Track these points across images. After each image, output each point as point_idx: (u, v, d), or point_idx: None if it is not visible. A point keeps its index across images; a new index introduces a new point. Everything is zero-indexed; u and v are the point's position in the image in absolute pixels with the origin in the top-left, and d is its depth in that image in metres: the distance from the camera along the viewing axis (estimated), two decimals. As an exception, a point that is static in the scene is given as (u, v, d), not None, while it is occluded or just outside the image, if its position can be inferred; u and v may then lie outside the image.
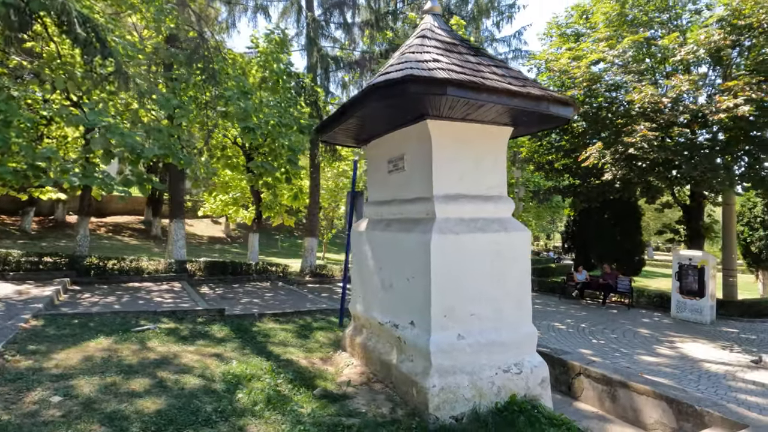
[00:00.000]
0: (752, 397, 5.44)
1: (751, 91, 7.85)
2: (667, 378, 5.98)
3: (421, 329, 3.81)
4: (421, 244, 3.76)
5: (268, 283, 11.81)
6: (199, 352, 4.72)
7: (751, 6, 8.31)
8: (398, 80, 3.30)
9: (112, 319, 5.68)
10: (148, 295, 8.13)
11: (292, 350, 5.26)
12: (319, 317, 7.31)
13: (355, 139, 5.22)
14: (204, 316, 6.41)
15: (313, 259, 14.88)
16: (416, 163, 4.18)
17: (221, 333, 5.70)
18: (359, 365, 4.75)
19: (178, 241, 11.35)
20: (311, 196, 14.85)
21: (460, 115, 3.92)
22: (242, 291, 10.01)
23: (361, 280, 5.04)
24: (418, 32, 4.41)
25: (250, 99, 10.23)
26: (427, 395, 3.49)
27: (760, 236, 15.04)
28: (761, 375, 6.35)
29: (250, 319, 6.74)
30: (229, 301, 8.58)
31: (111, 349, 4.39)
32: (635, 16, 11.04)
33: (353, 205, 6.80)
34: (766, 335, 9.31)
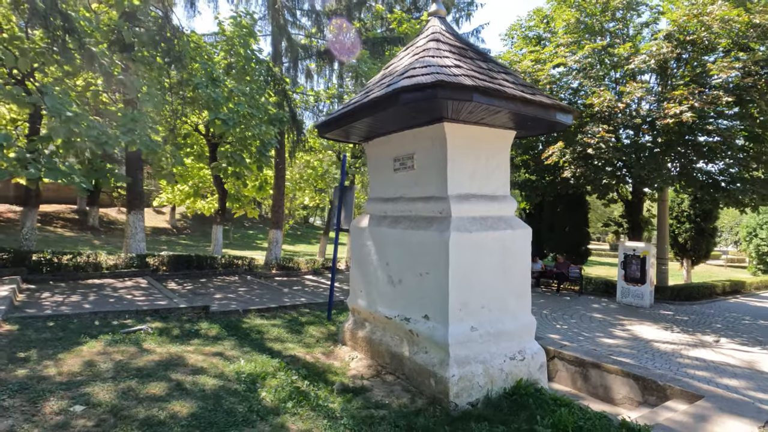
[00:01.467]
0: (698, 371, 6.26)
1: (694, 99, 8.84)
2: (627, 358, 6.70)
3: (436, 322, 4.00)
4: (439, 241, 3.93)
5: (236, 277, 11.47)
6: (200, 352, 4.59)
7: (694, 24, 9.30)
8: (428, 85, 3.42)
9: (92, 321, 5.32)
10: (115, 293, 7.63)
11: (290, 346, 5.26)
12: (303, 312, 7.30)
13: (357, 137, 5.26)
14: (188, 314, 6.18)
15: (279, 252, 14.61)
16: (428, 163, 4.33)
17: (213, 331, 5.56)
18: (364, 358, 4.88)
19: (137, 234, 10.65)
20: (276, 188, 14.49)
21: (475, 119, 4.11)
22: (212, 286, 9.66)
23: (363, 276, 5.14)
24: (428, 34, 4.53)
25: (219, 87, 9.79)
26: (448, 384, 3.71)
27: (686, 228, 17.02)
28: (701, 352, 7.29)
29: (236, 315, 6.60)
30: (202, 297, 8.28)
31: (108, 353, 4.16)
32: (590, 24, 11.86)
33: (342, 200, 6.82)
34: (695, 316, 10.62)
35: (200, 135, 12.08)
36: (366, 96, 4.22)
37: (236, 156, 9.94)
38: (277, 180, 14.54)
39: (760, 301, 14.00)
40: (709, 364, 6.65)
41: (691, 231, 16.89)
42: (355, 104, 4.27)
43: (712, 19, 8.93)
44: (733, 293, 14.68)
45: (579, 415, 3.58)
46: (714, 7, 9.41)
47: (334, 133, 5.06)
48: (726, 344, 7.88)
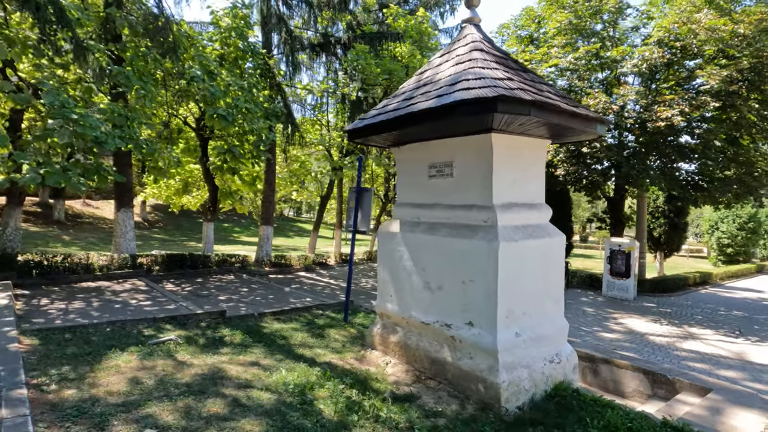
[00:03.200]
0: (697, 363, 6.71)
1: (684, 104, 9.30)
2: (630, 352, 7.08)
3: (482, 329, 4.09)
4: (487, 250, 4.00)
5: (231, 275, 11.21)
6: (236, 362, 4.51)
7: (684, 31, 9.74)
8: (489, 99, 3.45)
9: (111, 331, 5.09)
10: (117, 298, 7.31)
11: (320, 352, 5.23)
12: (317, 313, 7.25)
13: (388, 142, 5.23)
14: (206, 320, 6.03)
15: (269, 248, 14.36)
16: (470, 171, 4.37)
17: (236, 338, 5.45)
18: (399, 363, 4.93)
19: (127, 232, 10.18)
20: (267, 183, 14.20)
21: (520, 130, 4.19)
22: (212, 286, 9.41)
23: (394, 281, 5.16)
24: (469, 43, 4.54)
25: (216, 80, 9.44)
26: (499, 390, 3.82)
27: (661, 223, 18.01)
28: (693, 344, 7.80)
29: (253, 319, 6.48)
30: (207, 299, 8.07)
31: (147, 367, 4.01)
32: (581, 26, 12.19)
33: (359, 203, 6.79)
34: (677, 308, 11.30)
35: (190, 129, 11.62)
36: (411, 104, 4.21)
37: (235, 151, 9.64)
38: (267, 175, 14.24)
39: (727, 291, 15.04)
40: (704, 356, 7.12)
41: (665, 226, 17.90)
42: (399, 112, 4.24)
43: (700, 27, 9.38)
44: (702, 284, 15.70)
45: (624, 415, 3.78)
46: (700, 15, 9.88)
47: (366, 138, 5.02)
48: (712, 336, 8.47)
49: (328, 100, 16.11)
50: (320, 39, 13.18)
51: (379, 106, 5.00)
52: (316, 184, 17.81)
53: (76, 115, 5.87)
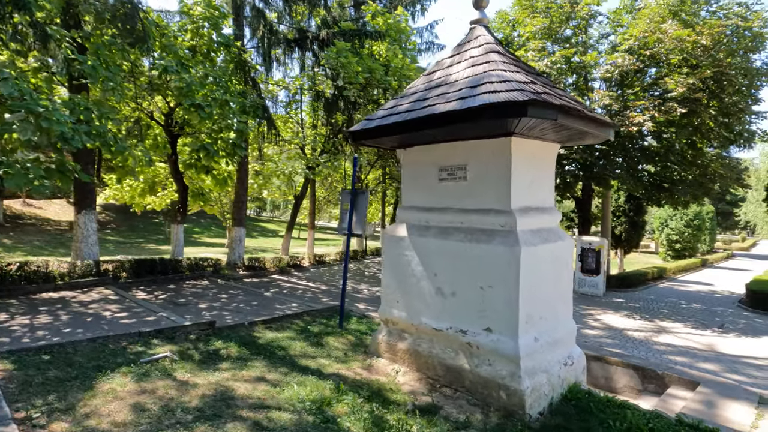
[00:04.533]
0: (676, 357, 7.07)
1: (654, 110, 9.80)
2: (615, 348, 7.36)
3: (502, 335, 4.04)
4: (508, 256, 3.95)
5: (205, 281, 10.61)
6: (240, 379, 4.20)
7: (653, 40, 10.27)
8: (520, 102, 3.39)
9: (94, 349, 4.60)
10: (87, 309, 6.67)
11: (324, 362, 5.01)
12: (308, 320, 6.97)
13: (394, 144, 5.08)
14: (195, 332, 5.61)
15: (242, 251, 13.76)
16: (486, 175, 4.31)
17: (232, 351, 5.11)
18: (409, 371, 4.80)
19: (89, 236, 9.35)
20: (239, 182, 13.59)
21: (538, 135, 4.18)
22: (188, 293, 8.85)
23: (401, 286, 5.02)
24: (482, 44, 4.47)
25: (191, 71, 8.88)
26: (523, 396, 3.78)
27: (622, 222, 19.06)
28: (668, 338, 8.23)
29: (244, 329, 6.12)
30: (186, 307, 7.56)
31: (146, 390, 3.63)
32: (555, 30, 12.56)
33: (354, 205, 6.59)
34: (644, 303, 11.93)
35: (157, 125, 10.87)
36: (428, 106, 4.08)
37: (210, 148, 9.09)
38: (240, 174, 13.63)
39: (682, 285, 16.12)
40: (680, 349, 7.53)
41: (625, 224, 18.95)
42: (416, 114, 4.10)
43: (667, 37, 9.91)
44: (659, 279, 16.74)
45: (641, 416, 3.86)
46: (666, 26, 10.44)
47: (374, 140, 4.84)
48: (681, 329, 8.98)
49: (301, 98, 15.67)
50: (295, 34, 12.74)
51: (387, 106, 4.83)
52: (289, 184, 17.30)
53: (41, 108, 5.26)
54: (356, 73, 10.82)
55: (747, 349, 7.52)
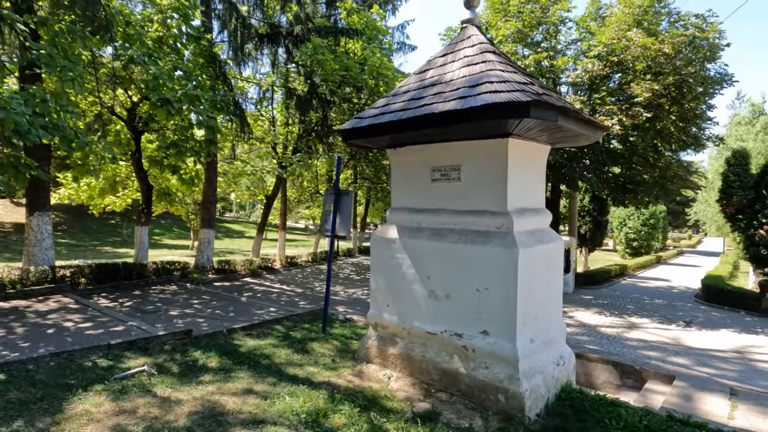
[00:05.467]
0: (649, 351, 7.36)
1: (621, 114, 10.21)
2: (591, 344, 7.57)
3: (499, 337, 4.01)
4: (506, 257, 3.92)
5: (173, 285, 10.05)
6: (227, 392, 3.94)
7: (620, 47, 10.70)
8: (523, 103, 3.35)
9: (58, 366, 4.18)
10: (45, 321, 6.10)
11: (312, 370, 4.81)
12: (289, 326, 6.72)
13: (386, 144, 4.95)
14: (171, 342, 5.25)
15: (211, 253, 13.19)
16: (481, 176, 4.26)
17: (213, 361, 4.81)
18: (402, 376, 4.68)
19: (44, 240, 8.60)
20: (208, 182, 13.01)
21: (533, 136, 4.17)
22: (156, 300, 8.33)
23: (392, 289, 4.90)
24: (476, 44, 4.43)
25: (159, 63, 8.37)
26: (523, 399, 3.76)
27: (587, 221, 19.85)
28: (639, 333, 8.57)
29: (222, 337, 5.80)
30: (155, 315, 7.10)
31: (126, 410, 3.32)
32: (526, 35, 12.85)
33: (337, 206, 6.40)
34: (611, 299, 12.42)
35: (119, 120, 10.20)
36: (424, 105, 3.99)
37: (181, 145, 8.59)
38: (208, 174, 13.05)
39: (642, 281, 16.98)
40: (651, 344, 7.85)
41: (590, 224, 19.75)
42: (412, 113, 3.99)
43: (634, 44, 10.35)
44: (621, 276, 17.54)
45: (633, 413, 3.93)
46: (631, 33, 10.91)
47: (365, 139, 4.69)
48: (649, 324, 9.40)
49: (272, 95, 15.22)
50: (267, 29, 12.33)
51: (378, 105, 4.70)
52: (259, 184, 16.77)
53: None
54: (333, 71, 10.59)
55: (711, 342, 7.95)
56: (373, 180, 19.42)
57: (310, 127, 14.71)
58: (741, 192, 12.32)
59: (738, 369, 6.50)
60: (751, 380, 6.00)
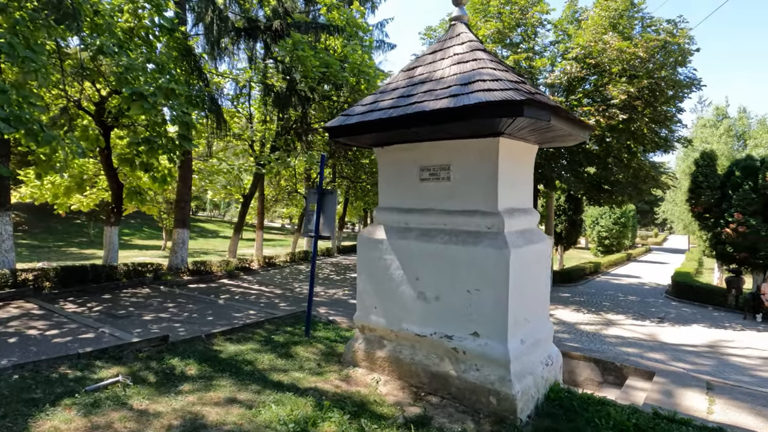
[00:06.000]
0: (628, 348, 7.53)
1: (599, 115, 10.43)
2: (572, 342, 7.69)
3: (490, 339, 3.97)
4: (497, 258, 3.88)
5: (145, 288, 9.63)
6: (209, 402, 3.74)
7: (597, 50, 10.93)
8: (517, 102, 3.30)
9: (22, 378, 3.87)
10: (6, 329, 5.67)
11: (297, 375, 4.66)
12: (271, 329, 6.52)
13: (374, 142, 4.83)
14: (146, 349, 4.98)
15: (185, 254, 12.73)
16: (471, 176, 4.21)
17: (192, 369, 4.59)
18: (390, 380, 4.59)
19: (4, 241, 8.04)
20: (182, 181, 12.55)
21: (523, 135, 4.14)
22: (128, 304, 7.94)
23: (379, 291, 4.80)
24: (466, 42, 4.37)
25: (130, 55, 7.98)
26: (515, 401, 3.73)
27: (562, 220, 20.29)
28: (616, 330, 8.77)
29: (201, 343, 5.55)
30: (128, 320, 6.76)
31: (100, 426, 3.08)
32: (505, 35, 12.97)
33: (321, 206, 6.24)
34: (587, 297, 12.70)
35: (87, 115, 9.68)
36: (415, 103, 3.90)
37: (154, 141, 8.20)
38: (182, 172, 12.60)
39: (615, 278, 17.49)
40: (629, 340, 8.04)
41: (565, 222, 20.20)
42: (403, 110, 3.89)
43: (610, 47, 10.60)
44: (595, 273, 18.02)
45: (620, 411, 3.97)
46: (608, 37, 11.16)
47: (353, 137, 4.56)
48: (625, 321, 9.65)
49: (249, 91, 14.83)
50: (244, 23, 11.97)
51: (366, 102, 4.58)
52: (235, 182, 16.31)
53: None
54: (313, 68, 10.37)
55: (683, 338, 8.21)
56: (352, 179, 19.24)
57: (288, 124, 14.41)
58: (709, 192, 12.84)
59: (711, 363, 6.73)
60: (724, 374, 6.21)
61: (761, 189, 11.76)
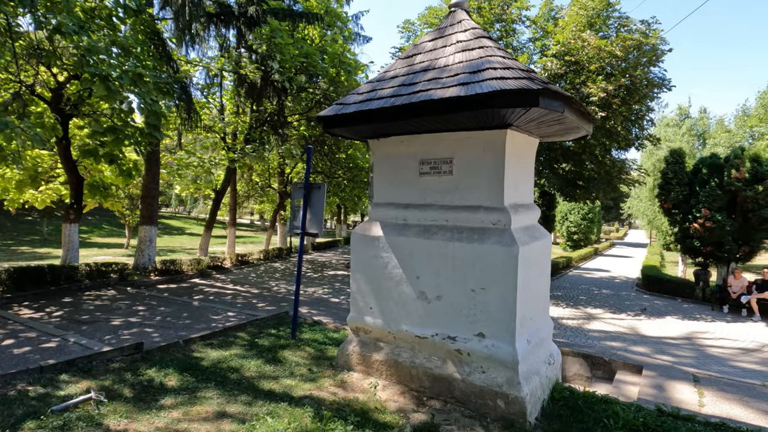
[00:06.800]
0: (612, 342, 7.62)
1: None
2: (558, 338, 7.71)
3: (497, 340, 3.81)
4: (505, 255, 3.72)
5: (110, 290, 8.94)
6: (195, 418, 3.39)
7: (576, 47, 11.04)
8: (533, 91, 3.13)
9: (-27, 398, 3.38)
10: (-50, 339, 5.05)
11: (289, 383, 4.35)
12: (253, 332, 6.14)
13: (370, 133, 4.55)
14: (118, 359, 4.52)
15: (153, 252, 11.99)
16: (476, 169, 4.02)
17: (173, 380, 4.19)
18: (389, 385, 4.36)
19: (-54, 241, 7.21)
20: (149, 175, 11.79)
21: (532, 128, 3.99)
22: (92, 308, 7.31)
23: (376, 291, 4.56)
24: (469, 29, 4.17)
25: (92, 36, 7.31)
26: (524, 404, 3.59)
27: (536, 216, 20.53)
28: (597, 324, 8.91)
29: (180, 350, 5.13)
30: (94, 326, 6.19)
31: (71, 453, 2.69)
32: (488, 30, 12.93)
33: (308, 201, 5.91)
34: (564, 291, 12.92)
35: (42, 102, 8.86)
36: (420, 91, 3.66)
37: (120, 130, 7.56)
38: (149, 165, 11.82)
39: (587, 272, 17.97)
40: (611, 334, 8.16)
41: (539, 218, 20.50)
42: (407, 99, 3.64)
43: (589, 46, 10.73)
44: (568, 267, 18.47)
45: (628, 409, 3.91)
46: (586, 35, 11.30)
47: (348, 127, 4.27)
48: (604, 314, 9.83)
49: (221, 81, 14.12)
50: (216, 8, 11.32)
51: (363, 90, 4.29)
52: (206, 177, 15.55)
53: None
54: (292, 57, 9.91)
55: (662, 330, 8.43)
56: (328, 174, 18.82)
57: (263, 116, 13.83)
58: (678, 188, 13.34)
59: (692, 355, 6.90)
60: (706, 366, 6.36)
61: (726, 186, 12.32)
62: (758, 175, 11.91)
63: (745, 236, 12.39)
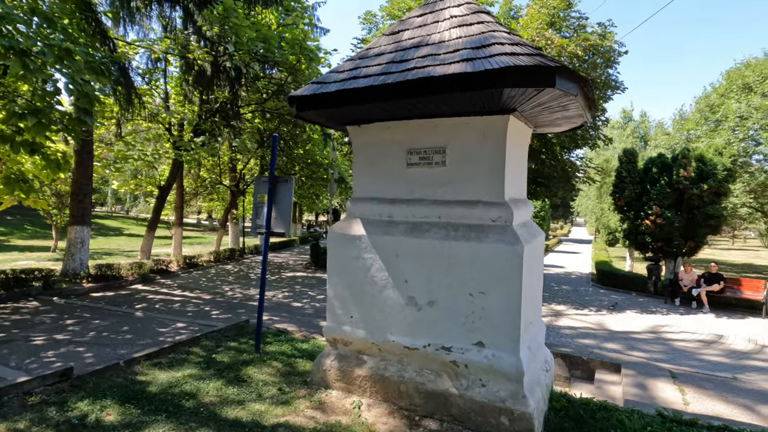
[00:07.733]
0: (584, 339, 7.60)
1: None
2: (531, 336, 7.59)
3: (499, 349, 3.42)
4: (509, 255, 3.33)
5: (33, 301, 7.67)
6: (144, 465, 2.70)
7: (540, 45, 11.08)
8: (550, 69, 2.75)
9: None
10: None
11: (259, 408, 3.72)
12: (209, 346, 5.38)
13: (350, 119, 4.01)
14: (38, 391, 3.65)
15: (86, 256, 10.61)
16: (473, 160, 3.62)
17: (112, 413, 3.42)
18: (375, 404, 3.85)
19: None
20: (81, 168, 10.42)
21: (534, 115, 3.64)
22: (8, 323, 6.15)
23: (357, 297, 4.04)
24: (464, 3, 3.78)
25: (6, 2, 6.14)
26: (532, 419, 3.23)
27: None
28: (566, 321, 8.92)
29: (120, 373, 4.30)
30: (9, 347, 5.14)
31: None
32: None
33: (273, 196, 5.25)
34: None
35: (-59, 79, 7.39)
36: (416, 68, 3.18)
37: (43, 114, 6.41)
38: (81, 157, 10.45)
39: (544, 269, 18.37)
40: (581, 331, 8.16)
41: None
42: (403, 76, 3.15)
43: (553, 44, 10.80)
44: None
45: (629, 416, 3.68)
46: (548, 33, 11.38)
47: (325, 110, 3.70)
48: (571, 311, 9.91)
49: (165, 66, 12.83)
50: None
51: (344, 68, 3.74)
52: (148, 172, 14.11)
53: None
54: (248, 40, 9.06)
55: (626, 325, 8.58)
56: (284, 171, 17.88)
57: (213, 107, 12.73)
58: (631, 186, 13.93)
59: (661, 350, 6.99)
60: (677, 360, 6.43)
61: (675, 184, 13.00)
62: (703, 173, 12.67)
63: (691, 232, 13.15)
